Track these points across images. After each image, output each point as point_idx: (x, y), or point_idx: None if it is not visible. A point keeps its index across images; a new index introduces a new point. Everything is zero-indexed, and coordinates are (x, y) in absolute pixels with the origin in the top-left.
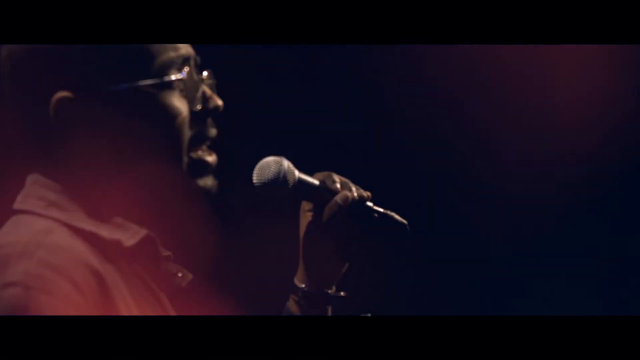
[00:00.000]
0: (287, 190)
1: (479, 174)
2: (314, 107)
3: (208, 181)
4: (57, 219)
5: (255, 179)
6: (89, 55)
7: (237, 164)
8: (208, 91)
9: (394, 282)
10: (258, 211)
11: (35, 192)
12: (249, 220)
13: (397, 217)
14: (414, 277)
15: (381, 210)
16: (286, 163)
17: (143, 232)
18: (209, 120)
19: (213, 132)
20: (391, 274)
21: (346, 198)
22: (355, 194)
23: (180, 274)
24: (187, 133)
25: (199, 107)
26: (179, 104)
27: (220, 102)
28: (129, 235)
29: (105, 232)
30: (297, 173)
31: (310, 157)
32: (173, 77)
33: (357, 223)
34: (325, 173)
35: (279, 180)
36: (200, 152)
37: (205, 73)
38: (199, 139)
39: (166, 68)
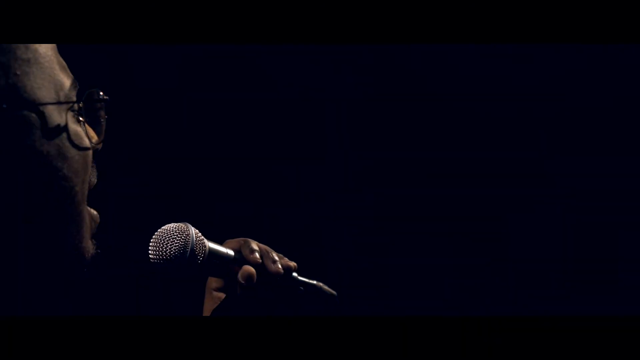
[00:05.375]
0: (194, 268)
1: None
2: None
3: (91, 244)
4: None
5: (152, 254)
6: None
7: None
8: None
9: None
10: None
11: None
12: None
13: (325, 288)
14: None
15: (308, 281)
16: (193, 231)
17: None
18: (93, 162)
19: (96, 178)
20: None
21: (249, 276)
22: (276, 266)
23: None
24: (89, 174)
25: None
26: (85, 137)
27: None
28: None
29: None
30: (207, 243)
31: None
32: (100, 97)
33: (280, 299)
34: (240, 240)
35: (186, 255)
36: (90, 210)
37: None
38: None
39: (71, 94)
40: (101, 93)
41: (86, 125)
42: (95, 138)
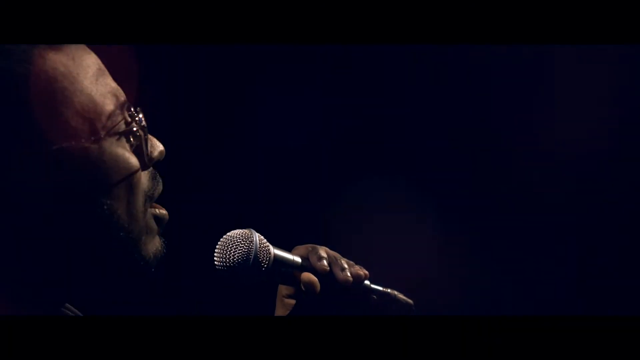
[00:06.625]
0: (259, 275)
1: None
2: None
3: (157, 244)
4: None
5: (217, 260)
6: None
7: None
8: (150, 136)
9: None
10: None
11: None
12: None
13: (401, 296)
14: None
15: (382, 289)
16: (257, 238)
17: None
18: (154, 172)
19: (161, 185)
20: None
21: (309, 283)
22: (344, 274)
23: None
24: (142, 190)
25: (149, 155)
26: (131, 156)
27: (162, 147)
28: None
29: None
30: (272, 250)
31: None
32: (134, 127)
33: (350, 307)
34: (309, 247)
35: (249, 262)
36: (155, 210)
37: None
38: (150, 196)
39: (114, 119)
40: (141, 116)
41: (149, 136)
42: (159, 149)
